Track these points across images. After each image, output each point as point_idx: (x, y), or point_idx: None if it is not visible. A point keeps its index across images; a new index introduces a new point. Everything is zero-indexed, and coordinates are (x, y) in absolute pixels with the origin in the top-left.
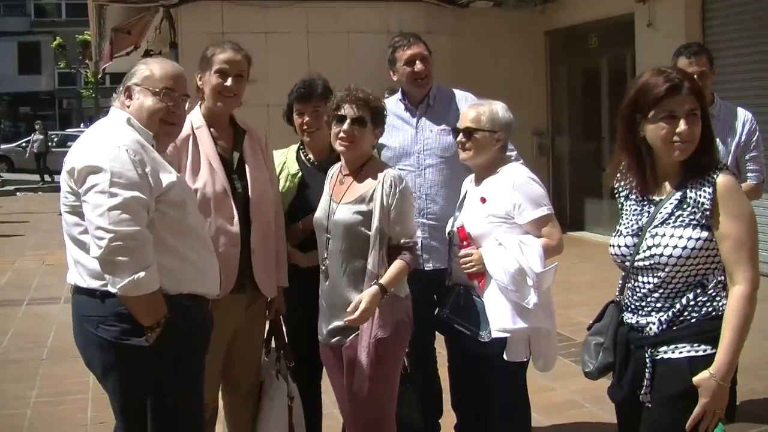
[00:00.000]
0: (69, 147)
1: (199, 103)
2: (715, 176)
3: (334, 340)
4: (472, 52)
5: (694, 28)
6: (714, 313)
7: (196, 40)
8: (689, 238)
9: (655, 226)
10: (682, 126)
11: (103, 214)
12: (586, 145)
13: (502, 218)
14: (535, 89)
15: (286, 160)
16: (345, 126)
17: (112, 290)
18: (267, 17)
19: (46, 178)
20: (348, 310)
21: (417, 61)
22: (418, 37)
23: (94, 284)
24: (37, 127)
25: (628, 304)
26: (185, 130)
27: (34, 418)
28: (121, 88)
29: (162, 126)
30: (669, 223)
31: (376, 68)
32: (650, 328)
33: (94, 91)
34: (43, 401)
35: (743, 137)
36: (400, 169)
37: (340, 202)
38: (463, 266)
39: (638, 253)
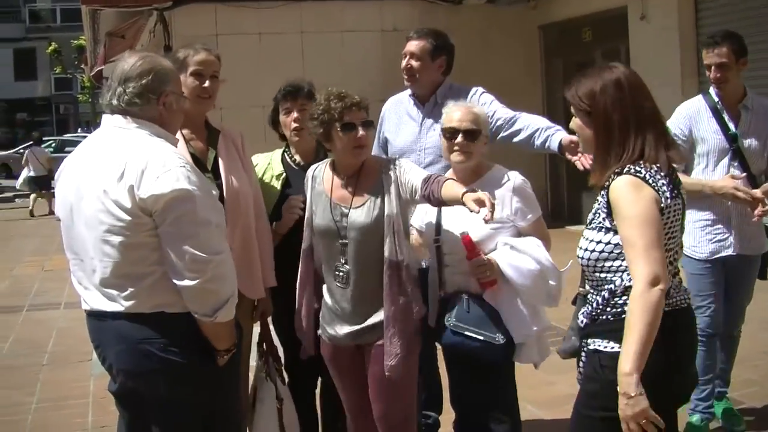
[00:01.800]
0: (67, 152)
1: None
2: (611, 180)
3: (358, 340)
4: (466, 48)
5: (687, 21)
6: (623, 315)
7: (191, 42)
8: (595, 241)
9: (586, 227)
10: None
11: (198, 244)
12: None
13: (502, 222)
14: (529, 84)
15: (271, 162)
16: (361, 132)
17: (206, 320)
18: (260, 18)
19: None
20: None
21: (407, 57)
22: (427, 33)
23: (162, 309)
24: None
25: None
26: None
27: (35, 423)
28: (146, 94)
29: None
30: (589, 226)
31: (370, 67)
32: (581, 321)
33: (91, 96)
34: (43, 407)
35: None
36: None
37: (351, 206)
38: (479, 276)
39: None
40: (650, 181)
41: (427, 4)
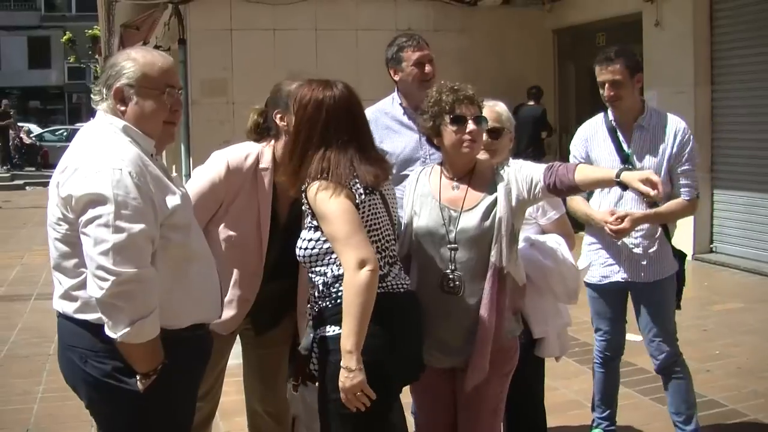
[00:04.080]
0: None
1: (272, 142)
2: (307, 185)
3: (451, 363)
4: (480, 49)
5: (701, 28)
6: (340, 301)
7: (205, 37)
8: (306, 240)
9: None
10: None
11: (107, 253)
12: None
13: (525, 219)
14: (542, 87)
15: None
16: (471, 126)
17: (111, 335)
18: (275, 14)
19: None
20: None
21: (426, 64)
22: (422, 39)
23: (86, 317)
24: None
25: None
26: (250, 162)
27: (41, 413)
28: (102, 89)
29: (165, 127)
30: (304, 228)
31: (384, 66)
32: (309, 315)
33: None
34: (49, 396)
35: (674, 149)
36: (404, 174)
37: (461, 209)
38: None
39: None
40: (342, 183)
41: (442, 4)
